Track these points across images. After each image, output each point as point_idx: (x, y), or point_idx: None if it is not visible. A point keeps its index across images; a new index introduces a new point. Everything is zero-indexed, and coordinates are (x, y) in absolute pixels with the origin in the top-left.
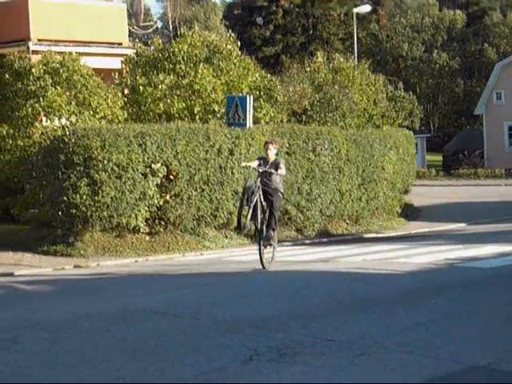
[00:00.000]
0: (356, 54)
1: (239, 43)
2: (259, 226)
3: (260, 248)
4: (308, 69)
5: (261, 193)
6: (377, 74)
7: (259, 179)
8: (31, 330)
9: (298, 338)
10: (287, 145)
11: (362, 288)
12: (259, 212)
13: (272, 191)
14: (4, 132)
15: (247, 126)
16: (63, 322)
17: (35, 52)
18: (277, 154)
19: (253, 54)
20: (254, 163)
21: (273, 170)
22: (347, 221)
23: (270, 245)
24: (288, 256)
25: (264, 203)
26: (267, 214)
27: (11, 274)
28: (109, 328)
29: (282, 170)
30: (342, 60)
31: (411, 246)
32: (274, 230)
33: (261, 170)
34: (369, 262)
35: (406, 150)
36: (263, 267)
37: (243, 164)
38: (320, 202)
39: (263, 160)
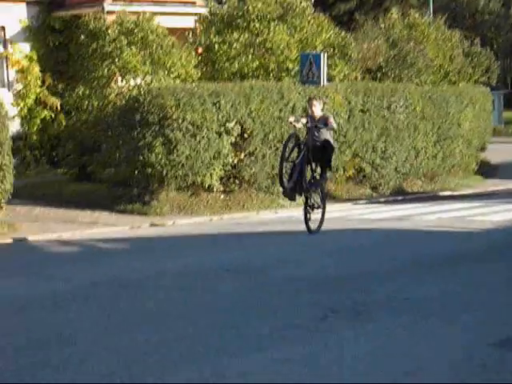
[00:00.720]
0: (431, 10)
1: (313, 0)
2: (305, 186)
3: (306, 210)
4: (382, 25)
5: (309, 149)
6: (453, 30)
7: (307, 136)
8: (110, 287)
9: (373, 296)
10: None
11: (439, 246)
12: (305, 171)
13: (323, 144)
14: (80, 92)
15: (321, 83)
16: (141, 280)
17: (110, 12)
18: (322, 110)
19: (326, 12)
20: (303, 120)
21: (322, 125)
22: (422, 179)
23: (319, 206)
24: (363, 214)
25: (312, 162)
26: (318, 170)
27: (88, 233)
28: (184, 286)
29: (333, 124)
30: (417, 16)
31: (488, 204)
32: (322, 188)
33: (309, 125)
34: (445, 220)
35: (482, 106)
36: (309, 231)
37: (291, 119)
38: (395, 159)
39: (310, 117)
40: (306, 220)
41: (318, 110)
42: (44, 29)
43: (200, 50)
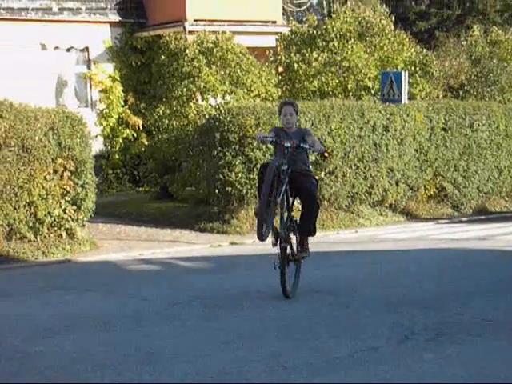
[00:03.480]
0: None
1: (393, 18)
2: (283, 232)
3: (284, 266)
4: (464, 43)
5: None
6: None
7: (281, 160)
8: (189, 306)
9: (455, 317)
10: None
11: None
12: (284, 210)
13: (303, 177)
14: (161, 112)
15: (402, 101)
16: (219, 299)
17: (191, 32)
18: (297, 121)
19: (407, 29)
20: (270, 135)
21: (306, 145)
22: (506, 198)
23: (300, 259)
24: (445, 234)
25: (290, 198)
26: (302, 213)
27: (169, 251)
28: (264, 305)
29: (319, 145)
30: (500, 32)
31: None
32: (308, 236)
33: (289, 145)
34: None
35: None
36: (286, 295)
37: (259, 136)
38: (477, 178)
39: (280, 132)
40: (284, 279)
41: (293, 120)
42: (127, 49)
43: (280, 69)
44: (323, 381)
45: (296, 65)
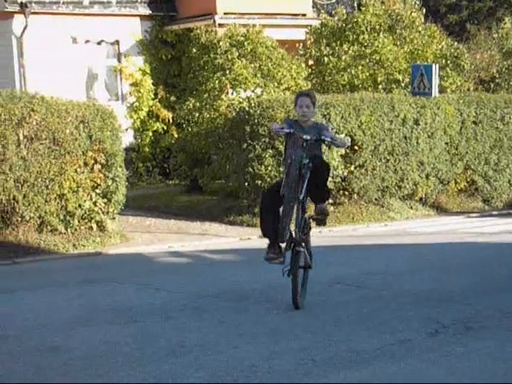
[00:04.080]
0: None
1: (424, 11)
2: (298, 235)
3: (296, 273)
4: (495, 35)
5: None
6: None
7: (305, 154)
8: (217, 299)
9: (485, 311)
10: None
11: None
12: (300, 210)
13: (315, 164)
14: (191, 105)
15: (433, 95)
16: (248, 292)
17: (221, 25)
18: (314, 115)
19: (438, 22)
20: (286, 127)
21: (328, 138)
22: None
23: (308, 267)
24: (475, 227)
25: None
26: (315, 180)
27: (198, 244)
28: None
29: (341, 139)
30: None
31: None
32: (326, 200)
33: (308, 138)
34: None
35: None
36: (296, 305)
37: (275, 126)
38: (508, 172)
39: (295, 125)
40: (297, 286)
41: (310, 112)
42: (157, 42)
43: (310, 62)
44: (352, 374)
45: (326, 58)
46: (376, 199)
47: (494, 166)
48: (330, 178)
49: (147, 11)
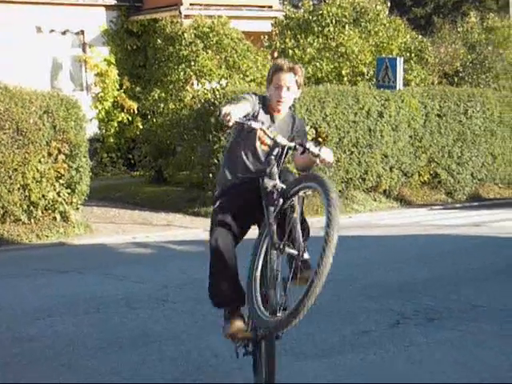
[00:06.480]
0: (511, 13)
1: (389, 4)
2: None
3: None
4: (460, 29)
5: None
6: None
7: (276, 168)
8: (181, 290)
9: (446, 303)
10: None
11: None
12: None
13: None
14: (156, 96)
15: (397, 87)
16: None
17: (187, 16)
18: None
19: (403, 15)
20: (253, 122)
21: (315, 151)
22: (500, 185)
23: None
24: (438, 220)
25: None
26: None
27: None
28: None
29: (327, 152)
30: (496, 19)
31: None
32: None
33: (291, 145)
34: None
35: None
36: None
37: (236, 116)
38: (471, 165)
39: (263, 113)
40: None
41: (290, 96)
42: (122, 33)
43: (275, 54)
44: (314, 364)
45: (290, 51)
46: (340, 191)
47: (457, 159)
48: (295, 171)
49: (112, 1)
